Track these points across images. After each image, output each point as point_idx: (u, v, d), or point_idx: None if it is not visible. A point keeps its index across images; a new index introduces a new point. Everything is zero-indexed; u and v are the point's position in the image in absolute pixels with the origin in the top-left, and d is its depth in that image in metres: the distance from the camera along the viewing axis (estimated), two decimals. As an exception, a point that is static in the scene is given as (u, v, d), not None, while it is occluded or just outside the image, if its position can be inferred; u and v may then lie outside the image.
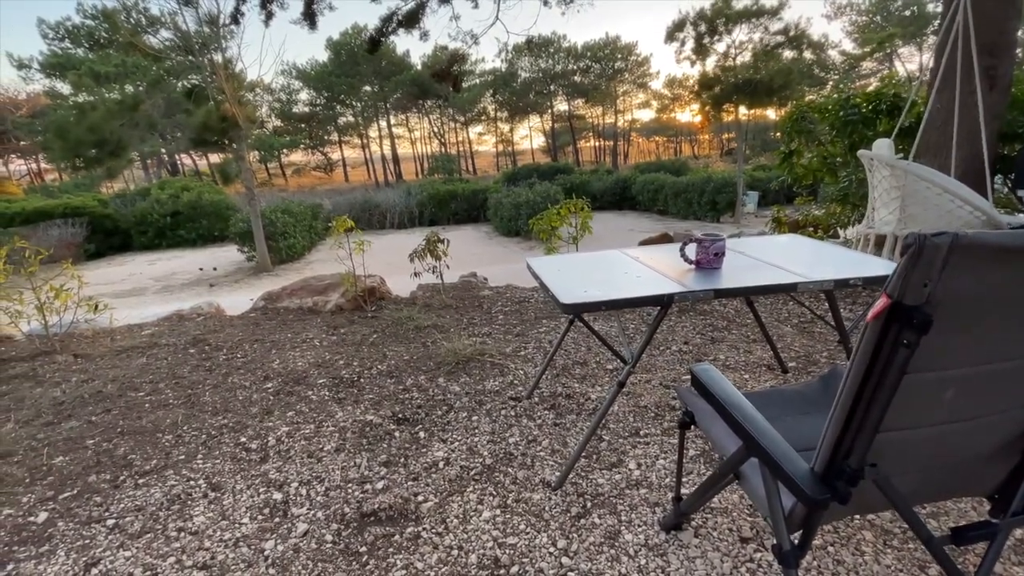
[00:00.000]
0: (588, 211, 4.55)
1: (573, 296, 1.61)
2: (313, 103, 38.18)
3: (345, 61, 33.54)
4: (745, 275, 1.76)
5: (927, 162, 3.63)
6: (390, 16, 6.58)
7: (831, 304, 1.97)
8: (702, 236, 1.85)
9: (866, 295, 3.53)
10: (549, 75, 36.73)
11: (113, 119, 8.13)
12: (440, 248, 3.98)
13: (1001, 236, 0.69)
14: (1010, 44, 3.29)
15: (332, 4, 6.11)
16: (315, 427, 2.23)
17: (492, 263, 11.04)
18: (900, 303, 0.72)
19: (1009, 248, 0.70)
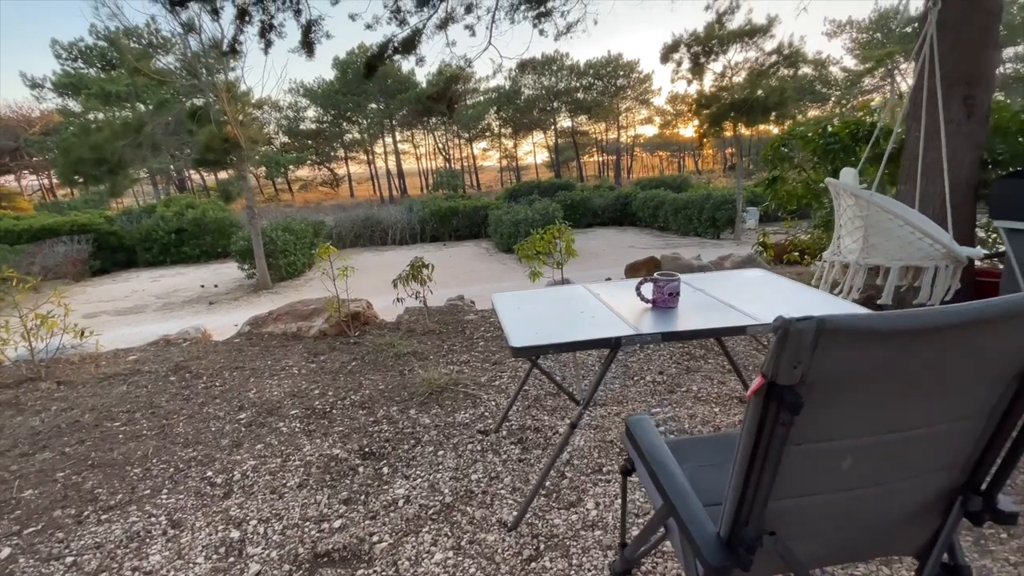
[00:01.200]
0: (570, 235, 4.57)
1: (524, 338, 1.63)
2: (320, 120, 38.84)
3: (351, 79, 34.11)
4: (699, 316, 1.77)
5: (906, 190, 3.64)
6: (386, 43, 6.72)
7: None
8: (657, 276, 1.87)
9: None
10: (552, 92, 37.14)
11: (116, 139, 8.30)
12: (424, 273, 4.01)
13: (868, 320, 0.70)
14: (987, 73, 3.32)
15: (329, 32, 6.24)
16: (281, 461, 2.24)
17: (489, 280, 11.09)
18: (774, 383, 0.73)
19: (876, 331, 0.71)
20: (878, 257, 2.82)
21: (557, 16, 7.52)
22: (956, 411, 0.85)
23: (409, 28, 6.73)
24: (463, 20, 6.96)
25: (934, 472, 0.92)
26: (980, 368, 0.80)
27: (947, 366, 0.79)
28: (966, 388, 0.83)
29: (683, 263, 4.95)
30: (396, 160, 41.55)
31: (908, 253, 2.76)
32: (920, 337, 0.73)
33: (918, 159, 3.55)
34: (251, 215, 10.33)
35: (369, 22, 6.30)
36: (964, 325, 0.74)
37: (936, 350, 0.76)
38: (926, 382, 0.79)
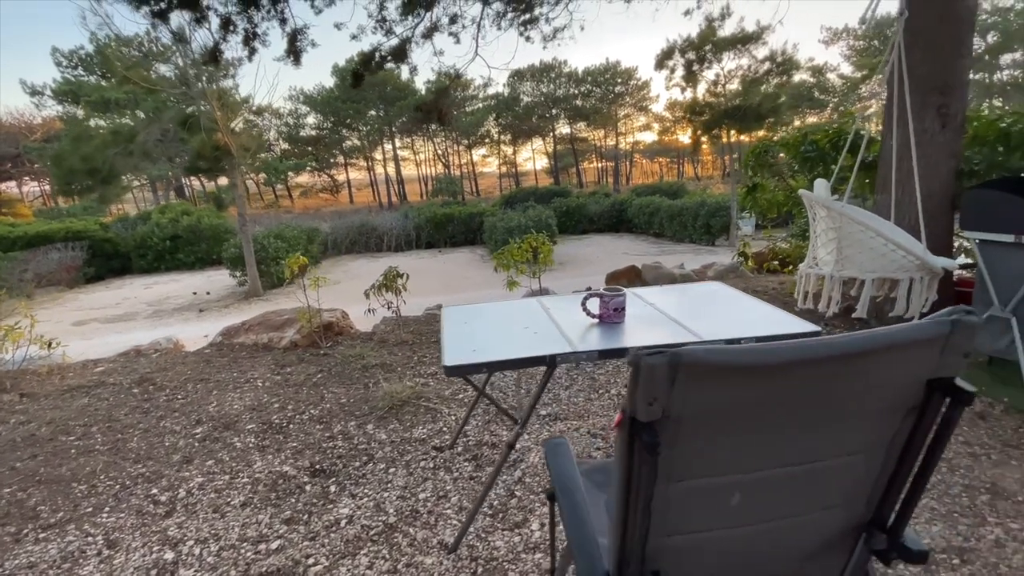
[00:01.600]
0: (549, 246, 4.54)
1: (458, 356, 1.59)
2: (320, 127, 38.99)
3: (350, 86, 34.27)
4: (643, 332, 1.73)
5: (883, 200, 3.60)
6: (372, 52, 6.72)
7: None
8: (602, 291, 1.83)
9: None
10: (551, 99, 37.26)
11: (107, 148, 8.32)
12: (399, 283, 3.98)
13: (728, 355, 0.66)
14: (961, 83, 3.29)
15: (314, 41, 6.25)
16: (230, 478, 2.20)
17: (480, 287, 11.03)
18: (635, 419, 0.69)
19: (739, 367, 0.67)
20: (852, 269, 2.77)
21: (543, 23, 7.53)
22: (848, 445, 0.81)
23: (395, 37, 6.74)
24: (447, 29, 6.98)
25: (833, 508, 0.87)
26: (868, 401, 0.76)
27: (830, 399, 0.74)
28: (855, 421, 0.78)
29: (664, 272, 4.91)
30: (395, 167, 41.67)
31: (881, 265, 2.71)
32: (791, 371, 0.69)
33: (903, 167, 3.52)
34: (242, 222, 10.33)
35: (354, 32, 6.32)
36: (841, 358, 0.70)
37: (812, 384, 0.72)
38: (809, 416, 0.75)
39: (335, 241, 16.83)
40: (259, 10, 5.83)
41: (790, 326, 1.71)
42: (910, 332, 0.70)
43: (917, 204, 2.90)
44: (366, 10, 6.16)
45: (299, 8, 10.18)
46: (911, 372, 0.74)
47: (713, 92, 13.20)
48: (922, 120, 3.33)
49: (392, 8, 6.49)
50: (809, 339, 0.69)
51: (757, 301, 2.02)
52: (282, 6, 5.93)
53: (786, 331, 1.68)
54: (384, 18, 6.39)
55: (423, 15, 6.67)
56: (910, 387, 0.76)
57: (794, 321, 1.75)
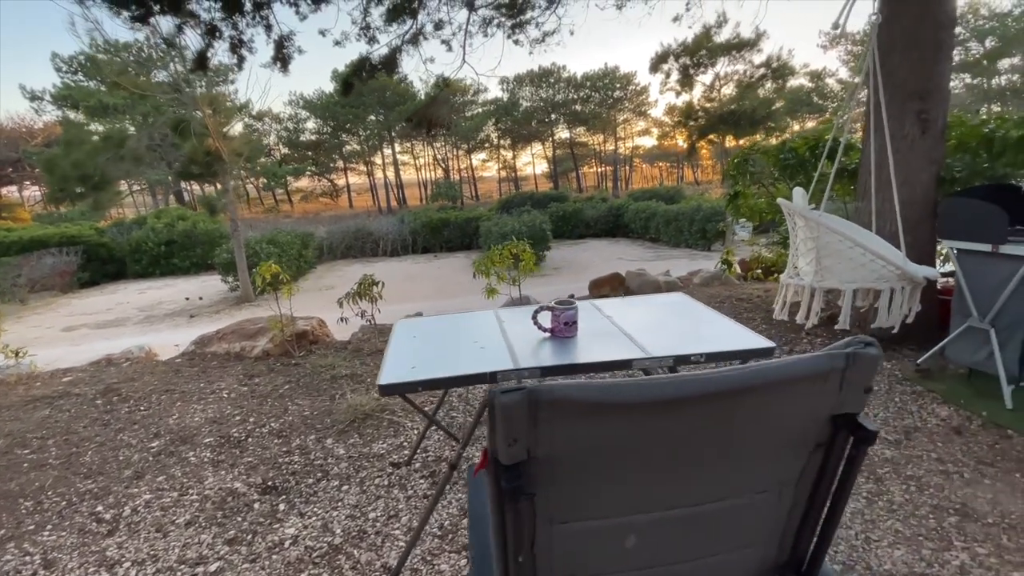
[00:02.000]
0: (530, 253, 4.48)
1: (395, 374, 1.53)
2: (320, 132, 39.07)
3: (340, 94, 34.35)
4: (594, 347, 1.67)
5: (863, 207, 3.54)
6: (363, 60, 6.69)
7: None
8: (554, 304, 1.77)
9: (802, 344, 3.40)
10: (550, 104, 37.32)
11: (97, 154, 8.30)
12: (375, 291, 3.92)
13: (590, 391, 0.60)
14: (941, 88, 3.23)
15: (301, 48, 6.22)
16: (178, 495, 2.13)
17: (471, 292, 10.94)
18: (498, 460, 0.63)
19: (606, 404, 0.61)
20: (832, 279, 2.71)
21: (532, 28, 7.51)
22: (756, 483, 0.75)
23: (380, 45, 6.71)
24: (435, 36, 6.95)
25: (743, 549, 0.81)
26: (769, 437, 0.70)
27: (724, 436, 0.68)
28: (759, 458, 0.72)
29: (648, 279, 4.84)
30: (395, 171, 41.73)
31: (861, 275, 2.65)
32: (672, 408, 0.63)
33: (882, 175, 3.46)
34: (234, 227, 10.29)
35: (338, 38, 6.28)
36: (728, 394, 0.64)
37: (701, 420, 0.66)
38: (705, 453, 0.69)
39: (331, 246, 16.79)
40: (243, 16, 5.81)
41: (745, 341, 1.65)
42: (802, 367, 0.64)
43: (896, 212, 2.83)
44: (350, 16, 6.13)
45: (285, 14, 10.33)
46: (810, 408, 0.68)
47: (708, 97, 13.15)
48: (901, 125, 3.28)
49: (376, 15, 6.47)
50: (691, 375, 0.63)
51: (718, 315, 1.95)
52: (266, 12, 5.91)
53: (740, 347, 1.61)
54: (368, 25, 6.37)
55: (408, 23, 6.64)
56: (813, 423, 0.70)
57: (750, 337, 1.69)
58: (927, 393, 2.75)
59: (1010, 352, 2.55)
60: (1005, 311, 2.54)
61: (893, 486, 1.99)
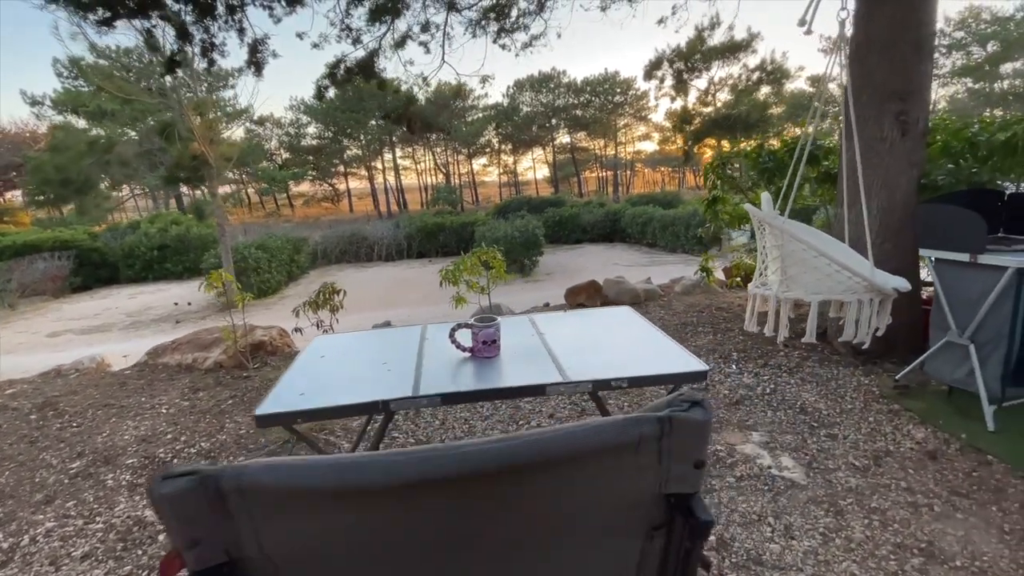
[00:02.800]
0: (500, 261, 4.32)
1: (281, 402, 1.37)
2: (321, 136, 39.14)
3: (351, 97, 34.42)
4: (509, 370, 1.51)
5: (842, 213, 3.37)
6: (337, 63, 6.58)
7: (597, 405, 1.71)
8: (472, 321, 1.61)
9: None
10: (551, 109, 37.25)
11: (82, 159, 8.23)
12: (336, 299, 3.78)
13: (296, 473, 0.44)
14: (921, 88, 3.06)
15: (276, 51, 6.12)
16: (83, 523, 1.98)
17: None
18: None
19: (318, 491, 0.45)
20: (797, 290, 2.54)
21: (519, 32, 7.39)
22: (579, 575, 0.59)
23: (362, 48, 6.60)
24: (417, 38, 6.84)
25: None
26: (573, 523, 0.54)
27: (507, 525, 0.52)
28: (564, 552, 0.56)
29: (626, 288, 4.67)
30: (395, 176, 41.76)
31: (827, 286, 2.48)
32: (419, 493, 0.47)
33: (856, 180, 3.30)
34: (221, 232, 10.20)
35: (316, 40, 6.17)
36: (500, 472, 0.48)
37: (466, 506, 0.50)
38: (483, 549, 0.53)
39: (325, 251, 16.70)
40: (216, 20, 5.70)
41: (678, 364, 1.49)
42: (599, 436, 0.48)
43: (864, 219, 2.67)
44: (327, 18, 6.01)
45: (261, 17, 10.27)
46: (626, 485, 0.52)
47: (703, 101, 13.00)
48: (880, 128, 3.12)
49: (357, 16, 6.35)
50: (449, 448, 0.47)
51: (659, 333, 1.79)
52: (239, 16, 5.80)
53: (670, 371, 1.45)
54: (349, 27, 6.26)
55: (391, 23, 6.53)
56: (637, 504, 0.54)
57: (685, 359, 1.52)
58: (904, 412, 2.57)
59: (991, 369, 2.38)
60: (985, 326, 2.37)
61: (854, 520, 1.82)
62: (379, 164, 42.52)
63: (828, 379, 3.00)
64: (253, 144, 32.38)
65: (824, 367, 3.16)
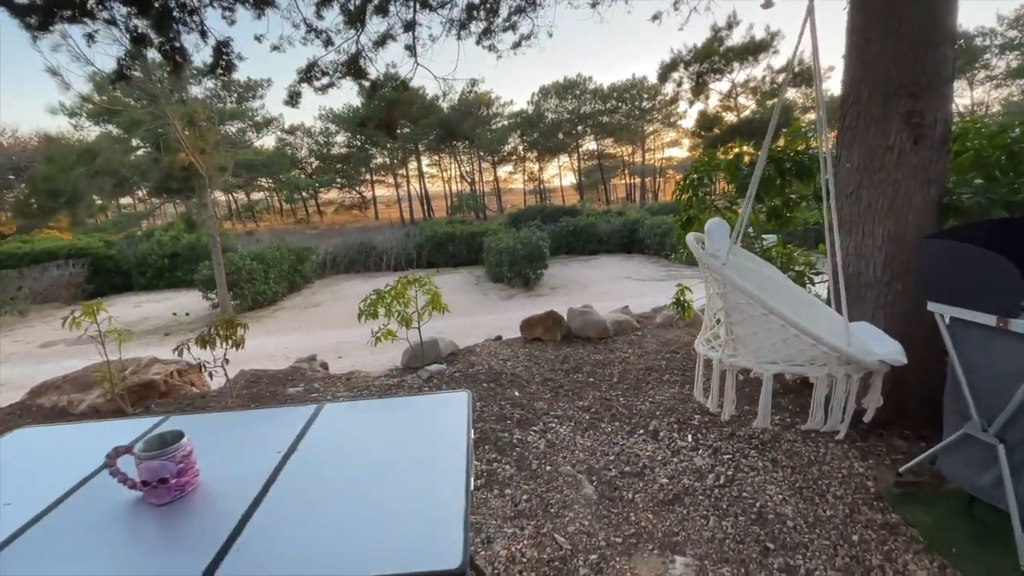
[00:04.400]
0: (433, 287, 3.75)
1: None
2: (349, 145, 39.73)
3: (377, 106, 34.77)
4: (161, 546, 0.93)
5: (844, 242, 2.64)
6: (311, 67, 6.20)
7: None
8: (137, 450, 1.03)
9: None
10: (576, 116, 36.64)
11: (71, 169, 8.16)
12: (239, 334, 3.29)
13: None
14: (940, 80, 2.33)
15: (241, 54, 5.77)
16: None
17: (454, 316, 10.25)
18: None
19: None
20: (746, 355, 1.86)
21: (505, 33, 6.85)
22: None
23: (334, 49, 6.20)
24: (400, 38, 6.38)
25: None
26: None
27: None
28: None
29: (593, 320, 4.01)
30: (420, 184, 41.94)
31: (786, 354, 1.80)
32: None
33: (857, 200, 2.58)
34: (213, 243, 10.02)
35: (276, 43, 5.78)
36: None
37: None
38: None
39: (335, 260, 16.54)
40: (175, 24, 5.38)
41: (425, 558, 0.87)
42: None
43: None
44: (287, 19, 5.61)
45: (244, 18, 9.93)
46: None
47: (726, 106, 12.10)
48: (885, 133, 2.40)
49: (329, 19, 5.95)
50: None
51: (460, 465, 1.16)
52: (198, 18, 5.47)
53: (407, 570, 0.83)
54: (316, 28, 5.85)
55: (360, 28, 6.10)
56: None
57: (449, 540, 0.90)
58: (904, 528, 1.85)
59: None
60: (1020, 421, 1.63)
61: None
62: (405, 172, 42.82)
63: (810, 462, 2.29)
64: (276, 153, 33.01)
65: (808, 443, 2.44)
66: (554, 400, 2.95)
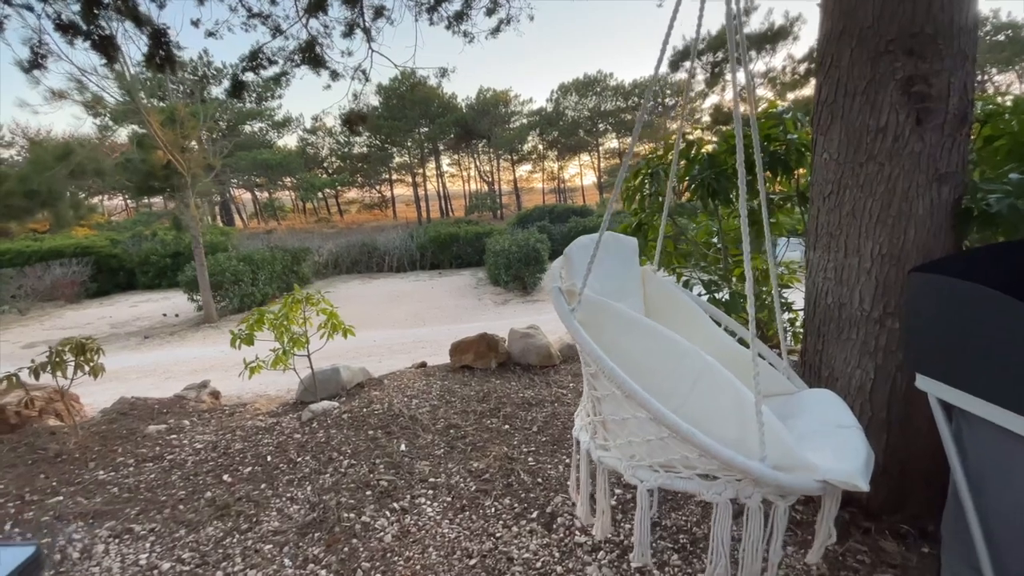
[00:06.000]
0: (326, 306, 3.14)
1: None
2: (369, 144, 39.79)
3: (395, 105, 34.64)
4: None
5: (822, 260, 1.92)
6: (255, 53, 5.70)
7: None
8: None
9: None
10: (597, 113, 35.74)
11: (44, 169, 7.94)
12: (92, 362, 2.77)
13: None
14: (954, 32, 1.59)
15: (180, 43, 5.32)
16: None
17: (448, 321, 9.70)
18: None
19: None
20: (615, 454, 1.19)
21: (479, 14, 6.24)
22: None
23: (282, 36, 5.69)
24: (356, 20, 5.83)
25: None
26: None
27: None
28: None
29: (536, 344, 3.34)
30: (439, 183, 41.71)
31: (667, 459, 1.11)
32: None
33: (839, 204, 1.86)
34: (195, 244, 9.73)
35: (211, 28, 5.30)
36: None
37: None
38: None
39: (337, 261, 16.23)
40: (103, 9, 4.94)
41: None
42: None
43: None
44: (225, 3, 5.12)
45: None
46: None
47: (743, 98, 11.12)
48: (875, 109, 1.67)
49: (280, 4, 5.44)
50: None
51: None
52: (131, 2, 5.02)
53: None
54: (260, 12, 5.36)
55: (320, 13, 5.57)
56: None
57: None
58: None
59: None
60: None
61: None
62: (424, 171, 42.63)
63: None
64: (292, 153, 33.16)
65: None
66: (445, 458, 2.31)
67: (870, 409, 1.83)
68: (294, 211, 45.54)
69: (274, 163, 28.15)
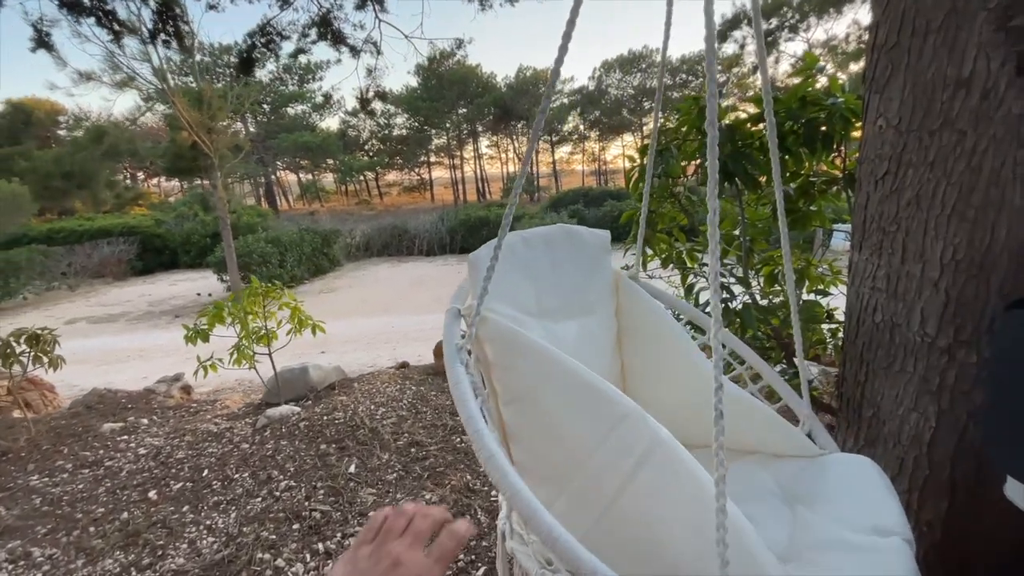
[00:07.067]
0: (293, 301, 2.84)
1: None
2: (408, 126, 39.79)
3: (433, 86, 34.36)
4: None
5: (870, 265, 1.44)
6: (263, 27, 5.46)
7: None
8: None
9: None
10: (641, 91, 34.26)
11: (78, 151, 8.11)
12: (50, 354, 2.60)
13: None
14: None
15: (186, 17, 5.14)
16: None
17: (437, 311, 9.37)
18: None
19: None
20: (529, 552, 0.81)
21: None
22: None
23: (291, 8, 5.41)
24: None
25: None
26: None
27: None
28: None
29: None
30: (477, 165, 41.37)
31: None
32: None
33: (903, 187, 1.36)
34: (223, 225, 9.81)
35: (212, 1, 5.06)
36: None
37: None
38: None
39: (368, 243, 16.25)
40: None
41: None
42: None
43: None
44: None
45: None
46: None
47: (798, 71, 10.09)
48: (955, 54, 1.16)
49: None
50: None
51: None
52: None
53: None
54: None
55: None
56: None
57: None
58: None
59: None
60: None
61: None
62: (466, 153, 42.34)
63: None
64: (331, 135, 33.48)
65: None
66: (395, 485, 1.98)
67: (927, 465, 1.34)
68: (336, 193, 46.41)
69: (314, 145, 28.52)
